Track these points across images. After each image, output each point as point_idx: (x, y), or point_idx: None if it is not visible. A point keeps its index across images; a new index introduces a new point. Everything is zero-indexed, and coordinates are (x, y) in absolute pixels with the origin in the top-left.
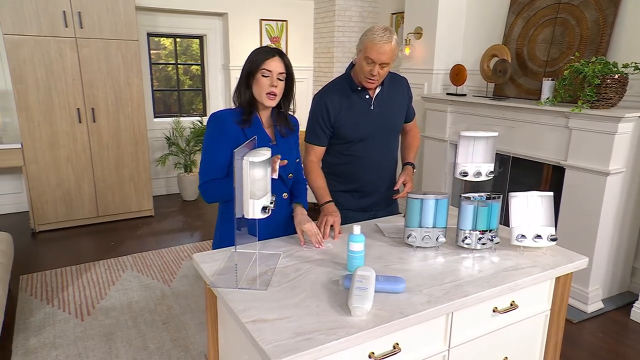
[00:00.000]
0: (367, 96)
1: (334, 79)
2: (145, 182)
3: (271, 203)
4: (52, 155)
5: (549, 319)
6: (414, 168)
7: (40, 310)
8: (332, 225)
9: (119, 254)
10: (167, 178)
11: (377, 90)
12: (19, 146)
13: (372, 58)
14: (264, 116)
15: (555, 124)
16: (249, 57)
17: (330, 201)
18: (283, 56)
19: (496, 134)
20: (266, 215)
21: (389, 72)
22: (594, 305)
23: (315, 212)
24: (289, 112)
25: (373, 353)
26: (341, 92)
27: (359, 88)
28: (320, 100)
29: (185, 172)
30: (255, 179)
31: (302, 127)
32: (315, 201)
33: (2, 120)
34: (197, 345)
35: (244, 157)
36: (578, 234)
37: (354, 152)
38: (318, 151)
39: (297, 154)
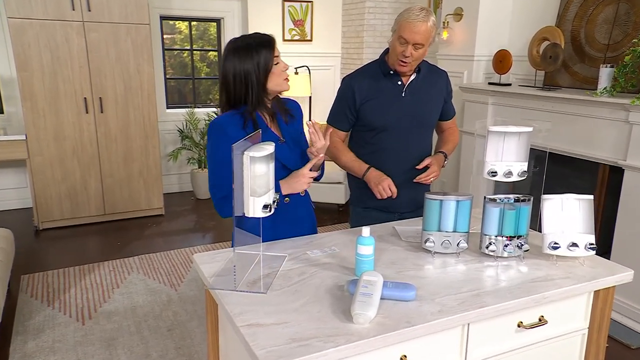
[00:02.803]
0: (400, 82)
1: (367, 63)
2: (156, 178)
3: (274, 202)
4: (57, 147)
5: (586, 339)
6: (445, 158)
7: (40, 313)
8: None
9: (125, 254)
10: (180, 174)
11: (412, 77)
12: (23, 138)
13: (405, 37)
14: (266, 112)
15: (613, 117)
16: (244, 59)
17: (370, 167)
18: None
19: (530, 129)
20: (268, 214)
21: (429, 63)
22: None
23: (340, 213)
24: (285, 97)
25: None
26: (372, 75)
27: (392, 72)
28: (348, 83)
29: (199, 168)
30: (256, 175)
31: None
32: (339, 202)
33: (7, 109)
34: (202, 355)
35: (245, 152)
36: (639, 244)
37: (378, 141)
38: (340, 134)
39: (306, 142)
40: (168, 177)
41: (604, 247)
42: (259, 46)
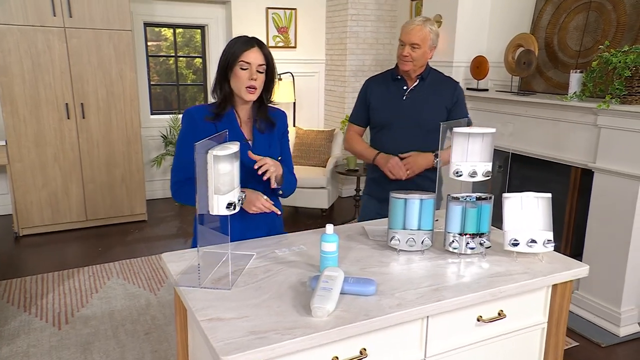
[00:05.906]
0: (405, 87)
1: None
2: (139, 183)
3: (239, 200)
4: (38, 153)
5: (546, 333)
6: (436, 158)
7: (16, 318)
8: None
9: (105, 260)
10: (164, 180)
11: (415, 83)
12: (3, 143)
13: (402, 39)
14: (243, 111)
15: (583, 121)
16: (225, 48)
17: (379, 152)
18: (262, 46)
19: (493, 130)
20: (232, 212)
21: (443, 75)
22: (628, 327)
23: (324, 218)
24: (274, 106)
25: (337, 357)
26: (383, 78)
27: (399, 77)
28: (365, 83)
29: None
30: (220, 173)
31: (322, 125)
32: (323, 207)
33: None
34: None
35: (209, 151)
36: (608, 245)
37: (380, 139)
38: (356, 129)
39: (279, 151)
40: (152, 183)
41: (577, 248)
42: (239, 42)
